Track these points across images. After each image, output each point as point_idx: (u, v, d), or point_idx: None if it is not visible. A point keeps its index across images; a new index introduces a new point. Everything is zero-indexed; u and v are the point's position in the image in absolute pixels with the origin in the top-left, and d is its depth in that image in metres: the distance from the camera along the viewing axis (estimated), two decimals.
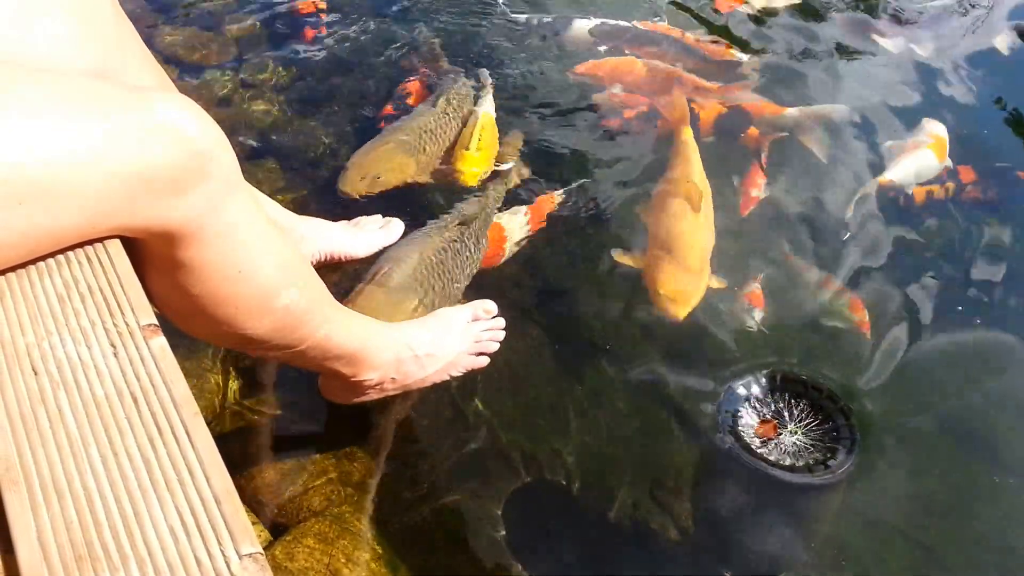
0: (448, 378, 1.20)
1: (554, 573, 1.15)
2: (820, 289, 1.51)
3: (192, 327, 0.92)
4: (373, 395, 1.16)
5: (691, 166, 1.54)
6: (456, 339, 1.19)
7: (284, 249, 0.90)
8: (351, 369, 1.08)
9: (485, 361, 1.23)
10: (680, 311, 1.34)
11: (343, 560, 1.08)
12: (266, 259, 0.87)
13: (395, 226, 1.44)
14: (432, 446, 1.25)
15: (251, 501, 1.16)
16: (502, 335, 1.25)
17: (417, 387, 1.19)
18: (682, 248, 1.41)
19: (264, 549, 1.07)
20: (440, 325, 1.19)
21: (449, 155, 1.65)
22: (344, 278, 1.39)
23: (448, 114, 1.70)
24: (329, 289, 1.29)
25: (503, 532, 1.16)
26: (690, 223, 1.44)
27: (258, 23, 2.07)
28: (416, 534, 1.16)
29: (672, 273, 1.37)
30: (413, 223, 1.48)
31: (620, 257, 1.44)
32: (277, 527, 1.14)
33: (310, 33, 2.04)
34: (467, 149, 1.62)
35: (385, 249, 1.41)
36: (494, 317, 1.25)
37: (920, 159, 1.72)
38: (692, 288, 1.36)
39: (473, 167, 1.60)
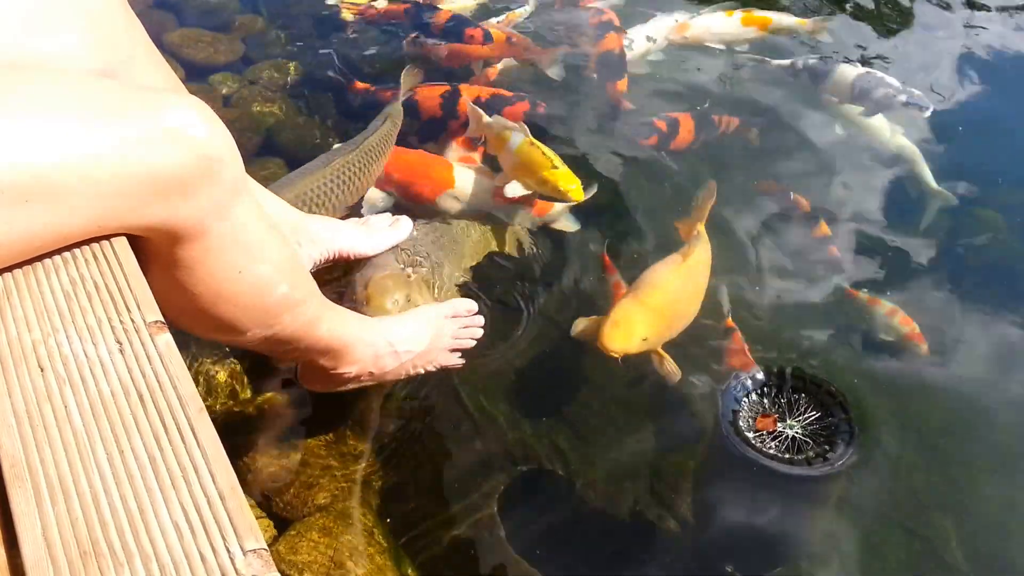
0: (423, 372, 1.21)
1: (557, 568, 1.15)
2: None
3: (189, 323, 0.93)
4: (351, 386, 1.18)
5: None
6: (433, 335, 1.20)
7: (283, 250, 0.92)
8: (333, 362, 1.10)
9: (461, 361, 1.24)
10: (616, 344, 1.20)
11: (347, 554, 1.08)
12: (266, 260, 0.88)
13: (404, 224, 1.44)
14: (436, 442, 1.25)
15: (256, 496, 1.17)
16: (480, 332, 1.25)
17: (393, 379, 1.21)
18: (654, 289, 1.30)
19: (268, 544, 1.07)
20: (419, 321, 1.20)
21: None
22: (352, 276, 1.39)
23: (342, 177, 1.43)
24: (336, 286, 1.30)
25: (506, 528, 1.16)
26: (673, 272, 1.34)
27: (264, 23, 2.08)
28: (420, 529, 1.16)
29: (628, 306, 1.25)
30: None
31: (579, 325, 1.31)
32: (282, 521, 1.14)
33: (317, 32, 2.05)
34: (556, 168, 1.42)
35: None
36: (475, 315, 1.26)
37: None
38: (641, 328, 1.23)
39: (572, 182, 1.42)
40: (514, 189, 1.50)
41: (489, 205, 1.53)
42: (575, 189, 1.42)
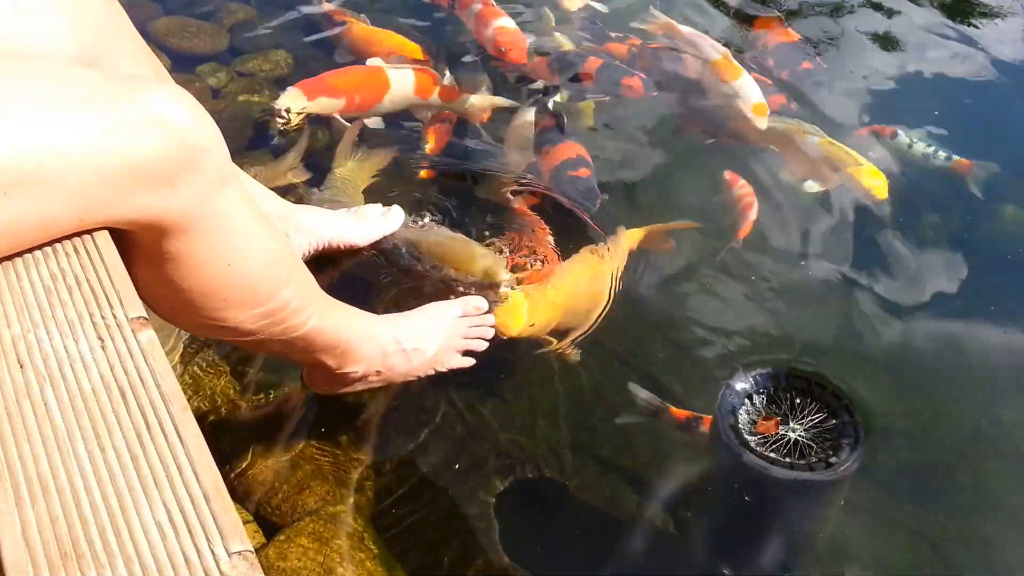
0: (433, 373, 1.18)
1: (552, 573, 1.14)
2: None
3: (179, 319, 0.91)
4: (358, 387, 1.15)
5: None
6: (444, 335, 1.17)
7: (274, 242, 0.89)
8: (336, 361, 1.07)
9: (471, 361, 1.20)
10: (509, 328, 1.26)
11: (337, 560, 1.07)
12: (256, 252, 0.86)
13: (395, 214, 1.42)
14: (429, 445, 1.23)
15: (245, 500, 1.14)
16: (491, 333, 1.22)
17: (402, 380, 1.18)
18: (556, 281, 1.36)
19: (258, 549, 1.06)
20: (429, 319, 1.17)
21: None
22: (344, 268, 1.38)
23: None
24: (329, 279, 1.28)
25: (500, 532, 1.15)
26: (577, 269, 1.39)
27: (252, 11, 2.06)
28: (412, 534, 1.14)
29: (529, 295, 1.31)
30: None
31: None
32: (271, 527, 1.12)
33: (304, 21, 2.03)
34: (859, 164, 1.56)
35: (385, 238, 1.40)
36: (484, 314, 1.23)
37: None
38: (532, 314, 1.28)
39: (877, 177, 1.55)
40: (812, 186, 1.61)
41: (422, 103, 1.69)
42: (879, 186, 1.52)
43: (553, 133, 1.67)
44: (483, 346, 1.21)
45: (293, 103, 1.60)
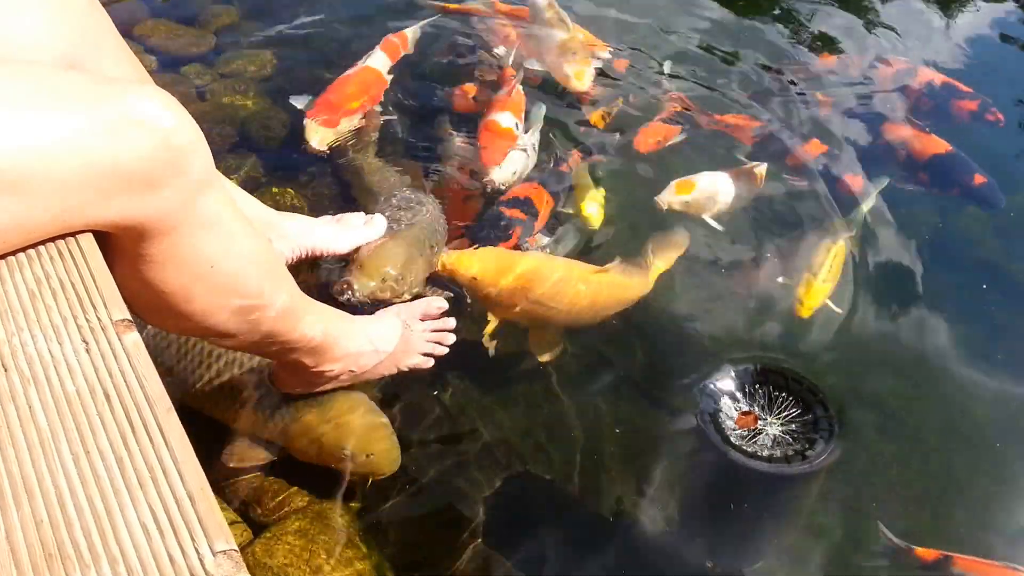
0: (396, 371, 1.19)
1: (540, 568, 1.15)
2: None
3: (162, 321, 0.91)
4: (327, 386, 1.16)
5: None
6: (407, 337, 1.18)
7: (256, 244, 0.90)
8: (314, 360, 1.08)
9: (431, 362, 1.21)
10: (450, 260, 1.30)
11: (324, 557, 1.07)
12: (239, 254, 0.86)
13: (378, 222, 1.42)
14: (417, 442, 1.23)
15: (232, 500, 1.14)
16: (452, 338, 1.22)
17: (368, 379, 1.19)
18: (531, 259, 1.35)
19: (244, 547, 1.06)
20: (391, 320, 1.19)
21: None
22: (326, 274, 1.38)
23: None
24: (313, 284, 1.28)
25: (489, 529, 1.15)
26: (561, 267, 1.37)
27: (237, 14, 2.05)
28: (400, 531, 1.15)
29: (497, 250, 1.34)
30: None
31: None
32: (258, 525, 1.13)
33: (290, 23, 2.03)
34: (814, 276, 1.43)
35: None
36: (443, 315, 1.23)
37: None
38: (477, 267, 1.29)
39: (816, 301, 1.41)
40: None
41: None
42: (801, 307, 1.43)
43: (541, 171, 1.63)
44: (444, 351, 1.22)
45: (324, 138, 1.60)
